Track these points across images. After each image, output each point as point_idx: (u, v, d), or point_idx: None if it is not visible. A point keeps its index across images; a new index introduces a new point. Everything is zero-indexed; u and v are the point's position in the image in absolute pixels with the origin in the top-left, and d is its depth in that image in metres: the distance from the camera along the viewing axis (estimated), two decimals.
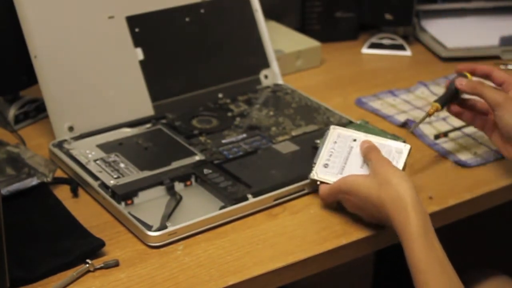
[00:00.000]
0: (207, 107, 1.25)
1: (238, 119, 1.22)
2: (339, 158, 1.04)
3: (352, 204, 0.99)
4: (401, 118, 1.27)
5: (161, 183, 1.05)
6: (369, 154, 1.01)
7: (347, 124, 1.20)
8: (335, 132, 1.07)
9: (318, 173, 1.04)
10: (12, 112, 1.23)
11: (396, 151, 1.03)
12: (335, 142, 1.06)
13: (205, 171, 1.08)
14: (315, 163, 1.05)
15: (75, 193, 1.07)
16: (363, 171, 1.02)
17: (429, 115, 1.10)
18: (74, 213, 1.01)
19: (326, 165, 1.04)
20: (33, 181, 1.04)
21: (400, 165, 1.01)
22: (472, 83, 1.10)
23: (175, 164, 1.09)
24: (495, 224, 1.58)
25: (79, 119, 1.17)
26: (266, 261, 0.95)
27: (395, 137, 1.15)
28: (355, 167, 1.03)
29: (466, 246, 0.88)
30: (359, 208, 0.99)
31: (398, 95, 1.36)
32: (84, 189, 1.08)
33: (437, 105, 1.11)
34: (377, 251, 1.11)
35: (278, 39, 1.43)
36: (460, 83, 1.11)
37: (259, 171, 1.09)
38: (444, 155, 1.17)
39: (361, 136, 1.05)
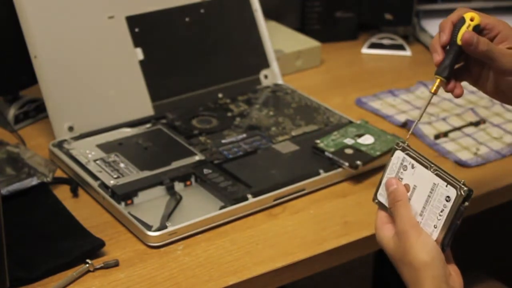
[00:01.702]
0: (207, 107, 1.25)
1: (238, 119, 1.22)
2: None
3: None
4: (401, 118, 1.27)
5: (161, 183, 1.05)
6: (395, 205, 0.83)
7: (347, 124, 1.20)
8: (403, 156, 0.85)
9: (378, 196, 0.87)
10: (12, 112, 1.23)
11: (444, 197, 0.80)
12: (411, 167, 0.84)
13: (205, 171, 1.08)
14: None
15: (75, 193, 1.07)
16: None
17: (434, 94, 0.89)
18: (74, 213, 1.01)
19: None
20: (33, 181, 1.04)
21: (440, 221, 0.80)
22: (485, 41, 0.87)
23: (175, 164, 1.09)
24: (492, 226, 1.58)
25: (79, 119, 1.17)
26: (266, 261, 0.95)
27: (395, 137, 1.15)
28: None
29: (457, 249, 0.87)
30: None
31: (398, 95, 1.36)
32: (84, 189, 1.08)
33: (441, 78, 0.89)
34: (377, 251, 1.11)
35: (278, 39, 1.43)
36: (471, 39, 0.86)
37: (259, 171, 1.09)
38: (444, 155, 1.17)
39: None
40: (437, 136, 1.21)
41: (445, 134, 1.22)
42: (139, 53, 1.23)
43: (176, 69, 1.26)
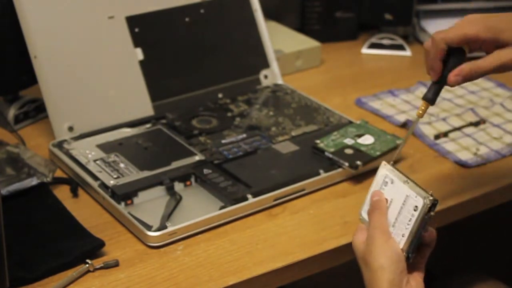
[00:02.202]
0: (207, 107, 1.25)
1: (238, 119, 1.22)
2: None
3: None
4: (401, 118, 1.27)
5: (161, 183, 1.05)
6: (373, 213, 0.88)
7: (347, 124, 1.20)
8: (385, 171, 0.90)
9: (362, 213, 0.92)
10: (12, 112, 1.23)
11: (412, 207, 0.85)
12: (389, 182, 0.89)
13: (205, 171, 1.08)
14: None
15: (75, 193, 1.07)
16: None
17: (420, 117, 0.93)
18: (74, 213, 1.01)
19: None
20: (33, 181, 1.04)
21: (407, 230, 0.85)
22: (472, 69, 0.92)
23: (175, 164, 1.09)
24: (492, 225, 1.58)
25: (79, 119, 1.17)
26: (266, 261, 0.95)
27: (394, 137, 1.15)
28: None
29: (457, 249, 0.87)
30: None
31: (398, 95, 1.36)
32: (84, 189, 1.08)
33: (427, 103, 0.93)
34: None
35: (278, 39, 1.43)
36: (457, 82, 0.92)
37: (259, 171, 1.09)
38: (444, 155, 1.17)
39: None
40: (437, 136, 1.21)
41: (445, 134, 1.22)
42: (139, 53, 1.23)
43: (176, 69, 1.26)
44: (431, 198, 0.84)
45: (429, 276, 0.92)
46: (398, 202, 0.87)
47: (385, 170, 0.90)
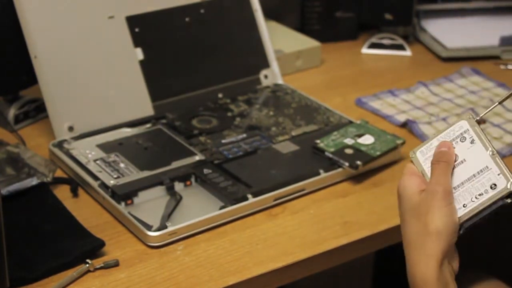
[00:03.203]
0: (207, 107, 1.25)
1: (238, 119, 1.22)
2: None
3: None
4: (401, 118, 1.27)
5: (161, 183, 1.05)
6: (438, 165, 0.80)
7: (347, 124, 1.20)
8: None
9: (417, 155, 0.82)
10: (12, 112, 1.23)
11: (490, 182, 0.78)
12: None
13: (205, 171, 1.08)
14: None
15: (75, 193, 1.07)
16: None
17: None
18: (74, 213, 1.01)
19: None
20: (33, 181, 1.04)
21: (474, 203, 0.78)
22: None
23: (175, 164, 1.09)
24: (492, 225, 1.58)
25: (79, 119, 1.17)
26: (266, 261, 0.95)
27: (395, 137, 1.15)
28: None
29: (458, 248, 0.87)
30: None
31: (398, 95, 1.35)
32: (84, 189, 1.08)
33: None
34: (377, 251, 1.11)
35: (278, 39, 1.43)
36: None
37: (259, 171, 1.09)
38: None
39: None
40: None
41: None
42: (139, 53, 1.23)
43: (176, 69, 1.26)
44: None
45: None
46: (472, 167, 0.78)
47: (468, 124, 0.79)
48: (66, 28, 1.17)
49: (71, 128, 1.16)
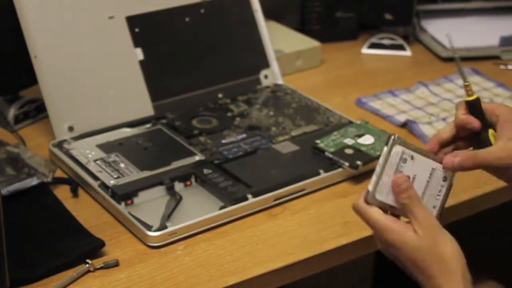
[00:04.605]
0: (207, 107, 1.25)
1: (238, 119, 1.22)
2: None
3: (387, 252, 0.88)
4: (401, 118, 1.27)
5: (161, 183, 1.05)
6: (412, 203, 0.83)
7: (348, 124, 1.20)
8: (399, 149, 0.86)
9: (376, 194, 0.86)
10: (12, 112, 1.23)
11: (441, 178, 0.86)
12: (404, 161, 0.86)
13: (205, 171, 1.08)
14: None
15: (75, 193, 1.07)
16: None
17: None
18: (74, 213, 1.01)
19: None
20: (33, 181, 1.04)
21: (438, 200, 0.86)
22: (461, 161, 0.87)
23: (175, 164, 1.09)
24: (492, 226, 1.58)
25: (79, 119, 1.17)
26: (266, 261, 0.95)
27: None
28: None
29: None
30: (395, 258, 0.87)
31: (398, 95, 1.36)
32: (84, 189, 1.08)
33: None
34: (377, 251, 1.11)
35: (278, 39, 1.43)
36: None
37: (259, 171, 1.09)
38: None
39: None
40: None
41: None
42: (139, 53, 1.23)
43: (176, 69, 1.26)
44: None
45: None
46: (423, 176, 0.86)
47: (400, 147, 0.85)
48: (66, 28, 1.17)
49: (71, 128, 1.16)
